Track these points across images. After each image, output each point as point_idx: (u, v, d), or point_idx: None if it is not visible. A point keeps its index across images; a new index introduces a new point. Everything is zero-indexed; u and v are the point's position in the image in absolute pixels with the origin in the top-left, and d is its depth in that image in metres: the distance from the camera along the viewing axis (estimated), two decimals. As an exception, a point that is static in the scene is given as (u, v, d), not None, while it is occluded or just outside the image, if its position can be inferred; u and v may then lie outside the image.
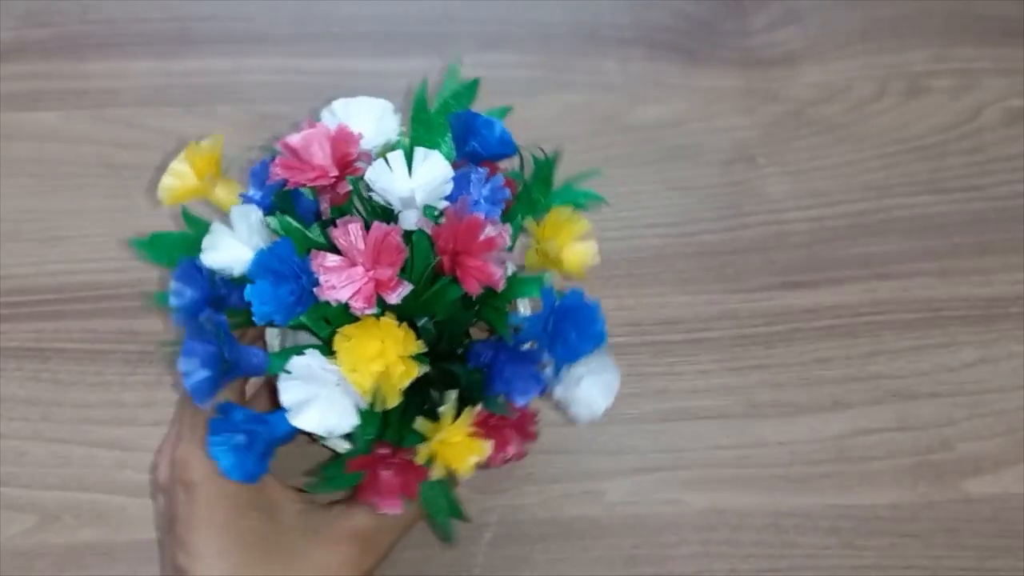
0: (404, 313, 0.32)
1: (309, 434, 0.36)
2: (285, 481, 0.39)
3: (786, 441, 0.48)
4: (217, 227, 0.34)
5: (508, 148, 0.36)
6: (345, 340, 0.32)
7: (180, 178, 0.36)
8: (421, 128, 0.37)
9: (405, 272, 0.33)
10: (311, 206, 0.36)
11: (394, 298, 0.31)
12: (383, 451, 0.33)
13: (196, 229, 0.35)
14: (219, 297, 0.34)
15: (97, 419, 0.47)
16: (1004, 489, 0.47)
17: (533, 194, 0.37)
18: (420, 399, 0.34)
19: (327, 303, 0.32)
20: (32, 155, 0.52)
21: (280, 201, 0.35)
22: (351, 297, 0.31)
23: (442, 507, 0.37)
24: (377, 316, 0.32)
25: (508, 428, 0.35)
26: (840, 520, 0.46)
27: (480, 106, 0.37)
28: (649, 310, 0.50)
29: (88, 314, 0.49)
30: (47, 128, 0.52)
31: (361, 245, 0.31)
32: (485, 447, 0.33)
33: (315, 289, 0.31)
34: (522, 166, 0.37)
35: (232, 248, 0.33)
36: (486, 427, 0.34)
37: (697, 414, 0.48)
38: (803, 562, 0.46)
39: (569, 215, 0.35)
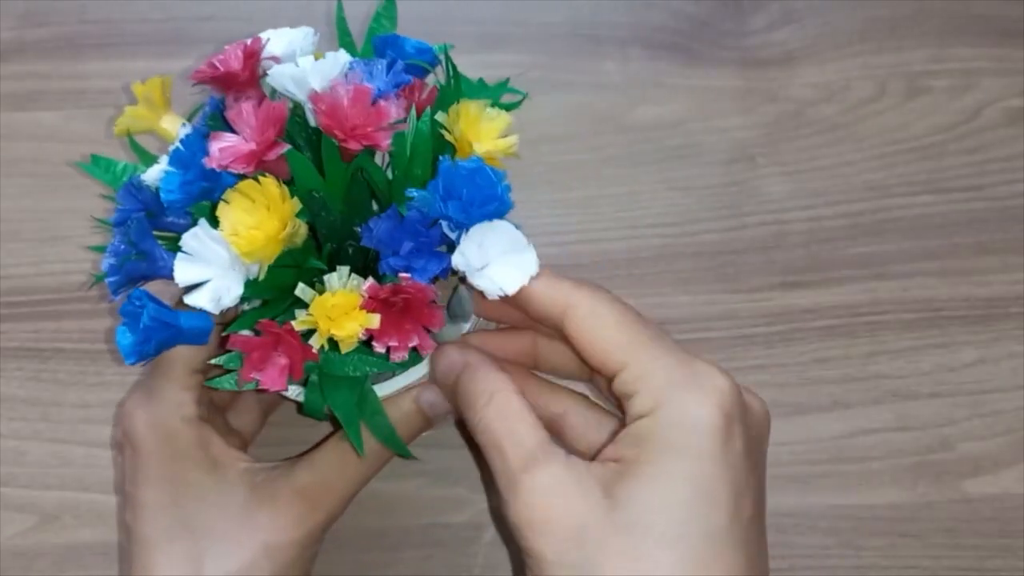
0: (306, 200, 0.33)
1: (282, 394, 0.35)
2: (230, 441, 0.38)
3: (786, 441, 0.48)
4: (164, 158, 0.34)
5: (425, 55, 0.35)
6: (225, 204, 0.32)
7: (130, 111, 0.37)
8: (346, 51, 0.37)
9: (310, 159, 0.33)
10: None
11: (272, 155, 0.32)
12: (273, 329, 0.32)
13: (144, 160, 0.36)
14: (154, 213, 0.34)
15: (97, 419, 0.47)
16: (1004, 489, 0.47)
17: (444, 88, 0.36)
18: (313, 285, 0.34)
19: None
20: (32, 155, 0.52)
21: (213, 123, 0.35)
22: (231, 162, 0.31)
23: (353, 420, 0.35)
24: (255, 178, 0.32)
25: (406, 310, 0.33)
26: (840, 520, 0.47)
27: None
28: (649, 310, 0.49)
29: (88, 314, 0.49)
30: (46, 128, 0.52)
31: (252, 121, 0.32)
32: (371, 319, 0.32)
33: (204, 160, 0.32)
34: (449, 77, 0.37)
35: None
36: (380, 305, 0.32)
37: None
38: (803, 562, 0.46)
39: (486, 112, 0.34)
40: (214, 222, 0.32)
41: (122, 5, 0.55)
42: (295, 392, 0.37)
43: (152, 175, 0.34)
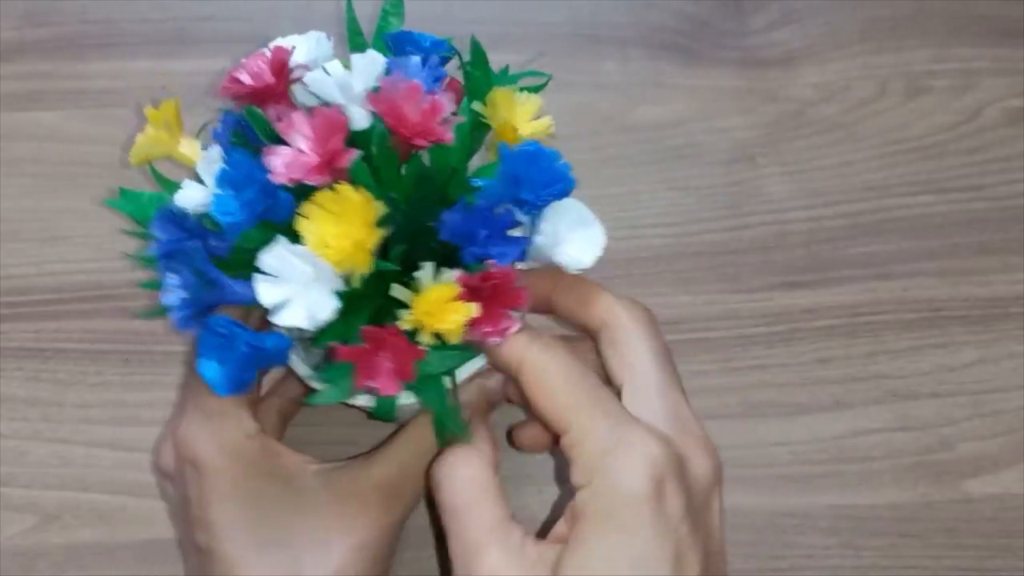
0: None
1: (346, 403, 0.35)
2: (297, 449, 0.38)
3: (786, 441, 0.48)
4: (188, 183, 0.34)
5: (442, 47, 0.36)
6: (306, 219, 0.31)
7: (145, 138, 0.36)
8: (359, 53, 0.38)
9: (366, 163, 0.33)
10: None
11: (345, 162, 0.31)
12: (373, 335, 0.32)
13: (168, 188, 0.35)
14: (200, 234, 0.33)
15: (97, 419, 0.47)
16: (1004, 489, 0.47)
17: (473, 78, 0.37)
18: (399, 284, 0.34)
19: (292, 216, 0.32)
20: (32, 155, 0.52)
21: (237, 139, 0.35)
22: (303, 175, 0.31)
23: (450, 414, 0.36)
24: (331, 188, 0.32)
25: (494, 295, 0.33)
26: (840, 520, 0.47)
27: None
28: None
29: (88, 314, 0.49)
30: (47, 128, 0.52)
31: (307, 131, 0.32)
32: (470, 308, 0.32)
33: (268, 176, 0.31)
34: (462, 62, 0.38)
35: (204, 191, 0.33)
36: (470, 294, 0.33)
37: (697, 414, 0.48)
38: (803, 562, 0.46)
39: (517, 96, 0.35)
40: (292, 238, 0.32)
41: (122, 5, 0.55)
42: (364, 399, 0.37)
43: (187, 200, 0.33)
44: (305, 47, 0.36)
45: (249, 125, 0.35)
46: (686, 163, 0.52)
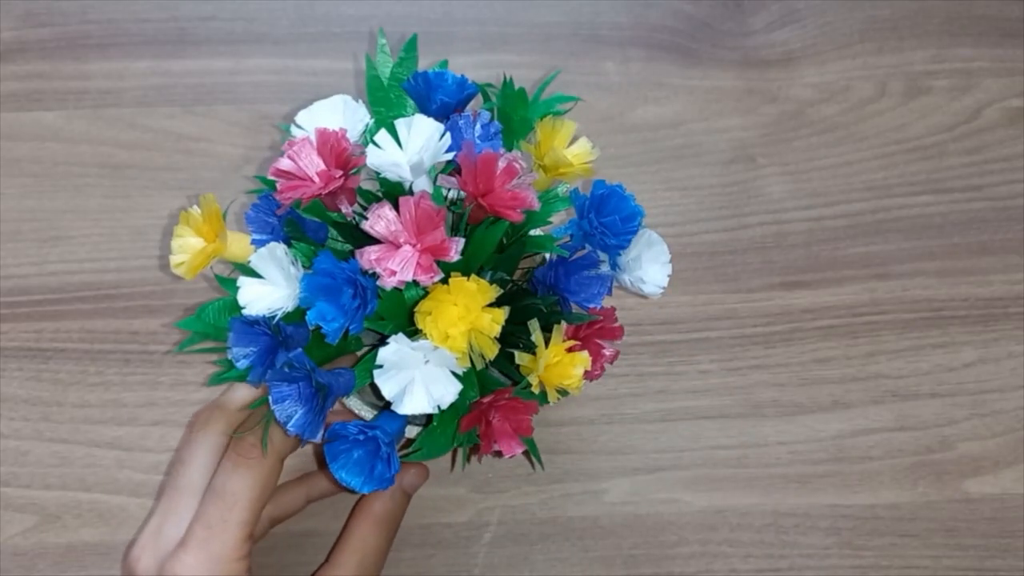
0: (460, 272, 0.33)
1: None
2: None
3: (786, 441, 0.48)
4: (244, 280, 0.33)
5: (470, 88, 0.36)
6: (426, 315, 0.32)
7: (189, 249, 0.34)
8: (382, 107, 0.37)
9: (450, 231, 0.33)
10: (318, 225, 0.35)
11: (453, 255, 0.31)
12: (485, 400, 0.34)
13: (233, 290, 0.34)
14: (284, 340, 0.33)
15: (97, 419, 0.47)
16: (1004, 489, 0.47)
17: (513, 118, 0.37)
18: (502, 344, 0.34)
19: (383, 297, 0.32)
20: (32, 155, 0.52)
21: (290, 229, 0.35)
22: (414, 274, 0.31)
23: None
24: (443, 281, 0.32)
25: (594, 335, 0.36)
26: (840, 520, 0.47)
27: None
28: (649, 310, 0.50)
29: (88, 314, 0.49)
30: (47, 128, 0.52)
31: (397, 225, 0.31)
32: (585, 357, 0.34)
33: (378, 282, 0.31)
34: (487, 99, 0.38)
35: (270, 290, 0.33)
36: (577, 340, 0.35)
37: (697, 414, 0.48)
38: (803, 562, 0.46)
39: (554, 123, 0.36)
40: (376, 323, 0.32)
41: (123, 5, 0.55)
42: (409, 430, 0.38)
43: (257, 306, 0.33)
44: (337, 115, 0.35)
45: (301, 217, 0.35)
46: (686, 163, 0.53)
